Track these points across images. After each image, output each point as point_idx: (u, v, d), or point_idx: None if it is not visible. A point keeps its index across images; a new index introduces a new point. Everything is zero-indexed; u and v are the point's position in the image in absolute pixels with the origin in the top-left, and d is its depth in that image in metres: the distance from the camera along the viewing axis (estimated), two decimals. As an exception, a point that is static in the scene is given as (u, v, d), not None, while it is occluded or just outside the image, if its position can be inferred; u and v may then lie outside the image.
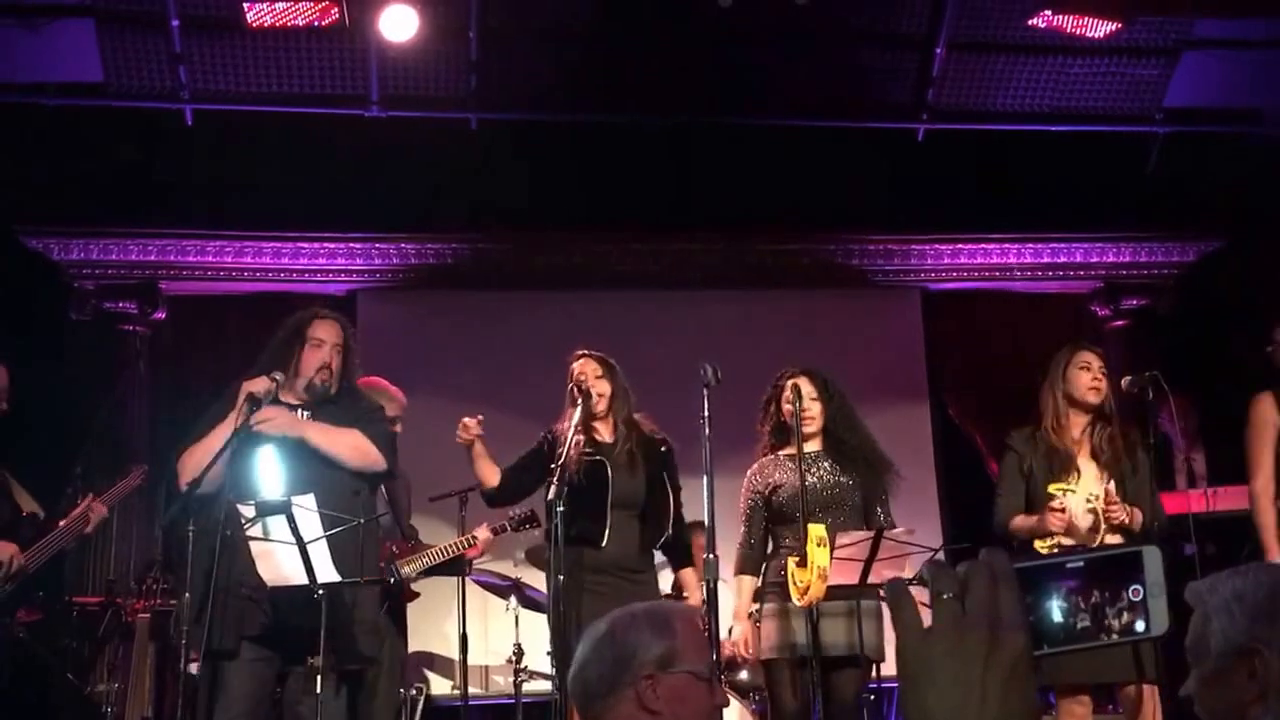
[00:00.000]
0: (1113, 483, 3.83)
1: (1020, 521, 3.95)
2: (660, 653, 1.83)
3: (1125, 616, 0.89)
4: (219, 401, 3.58)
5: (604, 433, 4.23)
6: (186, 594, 3.33)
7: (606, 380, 4.19)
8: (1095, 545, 3.80)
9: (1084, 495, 3.85)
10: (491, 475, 4.25)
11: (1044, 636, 0.88)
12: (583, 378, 4.14)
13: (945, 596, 0.81)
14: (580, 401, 4.04)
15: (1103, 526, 3.82)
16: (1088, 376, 3.95)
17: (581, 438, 4.08)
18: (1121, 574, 0.90)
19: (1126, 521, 3.79)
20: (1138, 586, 0.90)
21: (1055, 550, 3.78)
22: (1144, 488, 3.88)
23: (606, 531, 4.06)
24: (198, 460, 3.45)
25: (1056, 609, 0.89)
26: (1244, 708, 1.48)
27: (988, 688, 0.78)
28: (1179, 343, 6.38)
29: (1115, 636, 0.89)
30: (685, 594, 4.34)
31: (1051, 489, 3.85)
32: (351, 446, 3.57)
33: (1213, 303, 6.70)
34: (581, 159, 6.31)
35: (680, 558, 4.36)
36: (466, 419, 4.22)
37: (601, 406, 4.18)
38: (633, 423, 4.24)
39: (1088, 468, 3.90)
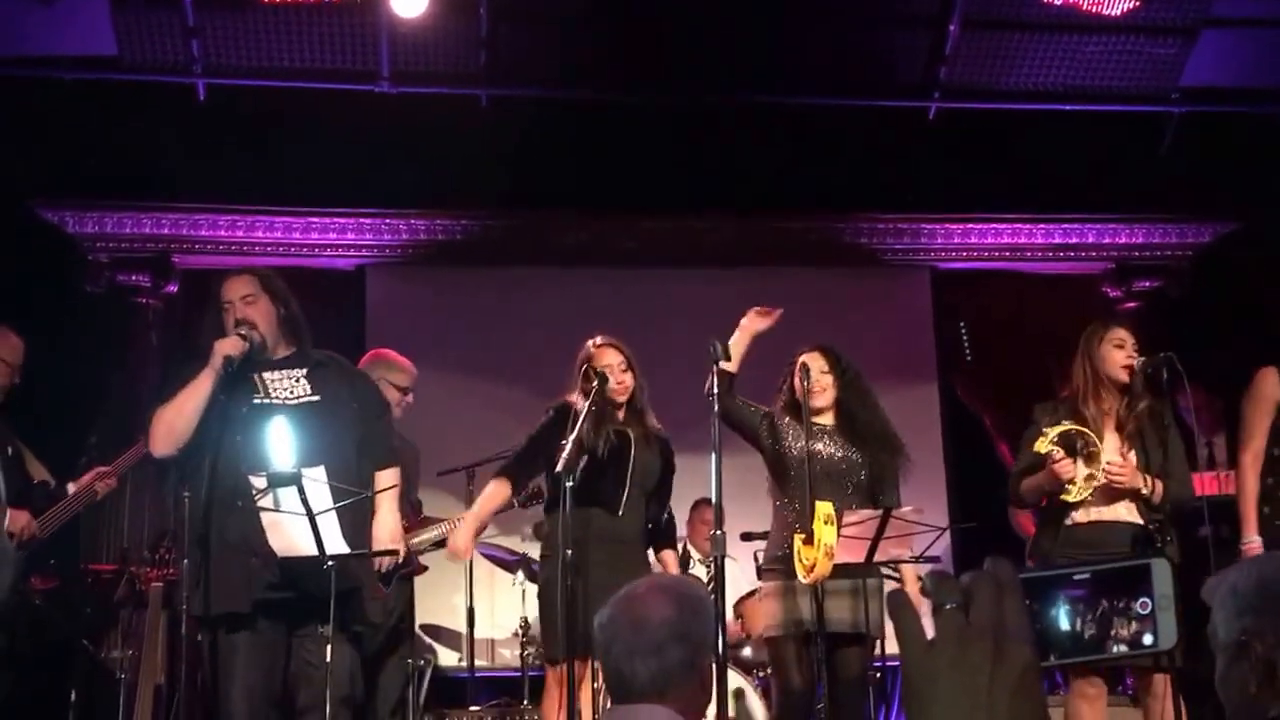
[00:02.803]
0: (1133, 454, 3.81)
1: (1029, 482, 3.96)
2: (713, 637, 2.11)
3: (1133, 627, 0.89)
4: (193, 364, 3.50)
5: (620, 418, 4.26)
6: (185, 560, 3.35)
7: (631, 374, 4.21)
8: (1110, 518, 3.81)
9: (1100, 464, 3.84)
10: (500, 498, 4.19)
11: (1051, 646, 0.87)
12: (608, 370, 4.15)
13: (948, 607, 0.79)
14: (596, 386, 4.05)
15: (1115, 491, 3.83)
16: (1121, 355, 3.93)
17: (595, 415, 4.10)
18: (1130, 586, 0.89)
19: (1142, 490, 3.77)
20: (1146, 599, 0.89)
21: (1089, 497, 3.79)
22: (1171, 463, 3.86)
23: (624, 501, 4.09)
24: (169, 422, 3.40)
25: (1063, 618, 0.88)
26: (1253, 699, 1.50)
27: (994, 700, 0.76)
28: (1191, 325, 6.35)
29: (1124, 648, 0.89)
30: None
31: (1039, 447, 3.80)
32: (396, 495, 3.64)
33: (1227, 285, 6.67)
34: (591, 136, 6.30)
35: (664, 539, 4.40)
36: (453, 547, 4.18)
37: (622, 397, 4.20)
38: (644, 415, 4.28)
39: (1111, 440, 3.90)
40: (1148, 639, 0.89)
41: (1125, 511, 3.86)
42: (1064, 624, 0.88)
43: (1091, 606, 0.88)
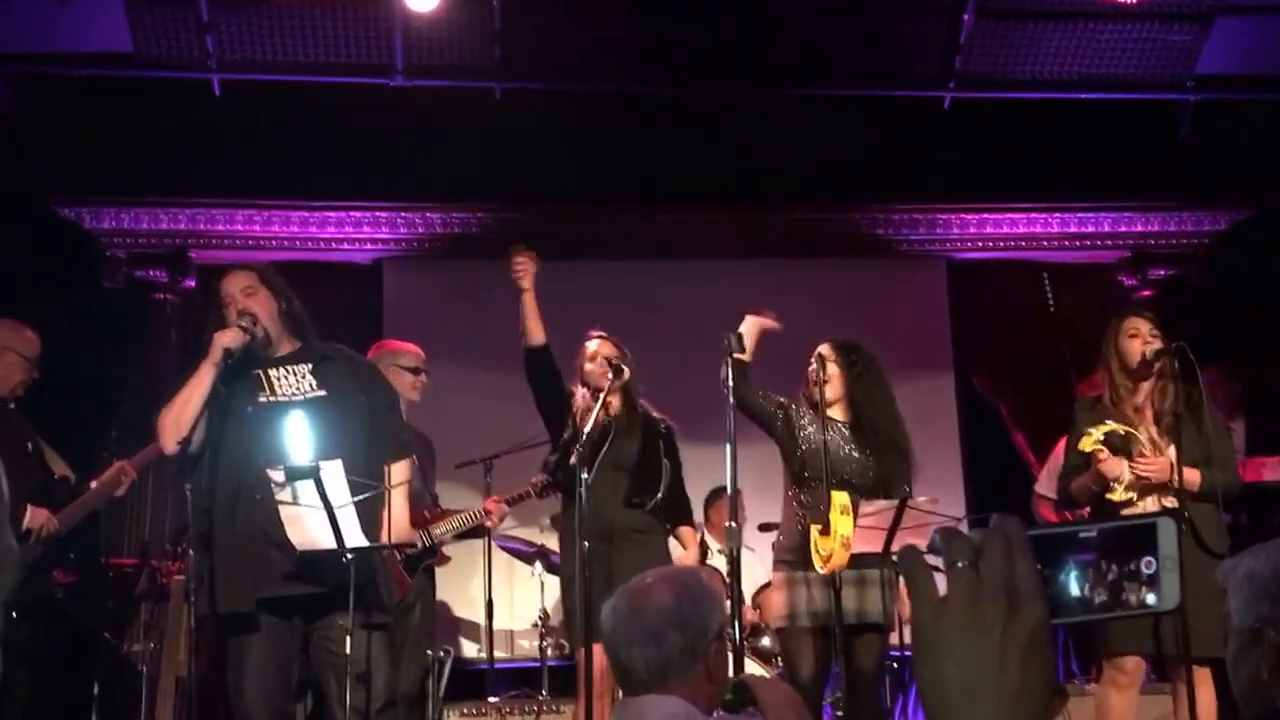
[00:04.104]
0: (1171, 447, 3.79)
1: (1078, 483, 3.95)
2: (720, 622, 2.04)
3: (1141, 589, 0.88)
4: (194, 361, 3.49)
5: (614, 406, 4.35)
6: (191, 551, 3.35)
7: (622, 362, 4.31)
8: (1154, 508, 3.80)
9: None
10: (540, 333, 4.33)
11: (1061, 607, 0.87)
12: (596, 360, 4.26)
13: (960, 565, 0.79)
14: (612, 377, 4.11)
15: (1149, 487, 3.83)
16: (1138, 344, 3.92)
17: (602, 412, 4.17)
18: (1135, 546, 0.89)
19: (1169, 480, 3.74)
20: (1150, 559, 0.89)
21: (1132, 498, 3.80)
22: (1212, 450, 3.82)
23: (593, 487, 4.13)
24: (174, 416, 3.38)
25: (1074, 580, 0.88)
26: (1264, 686, 1.50)
27: (1006, 657, 0.77)
28: (1207, 313, 6.33)
29: (1132, 609, 0.89)
30: (683, 549, 4.46)
31: (1084, 446, 3.83)
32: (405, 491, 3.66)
33: (1243, 272, 6.64)
34: (606, 129, 6.30)
35: (677, 517, 4.48)
36: (519, 259, 4.20)
37: (602, 382, 4.29)
38: (636, 403, 4.38)
39: (1152, 431, 3.89)
40: (1151, 599, 0.88)
41: (1168, 504, 3.83)
42: (1074, 588, 0.88)
43: (1101, 570, 0.88)
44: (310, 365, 3.52)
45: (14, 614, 3.95)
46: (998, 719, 0.76)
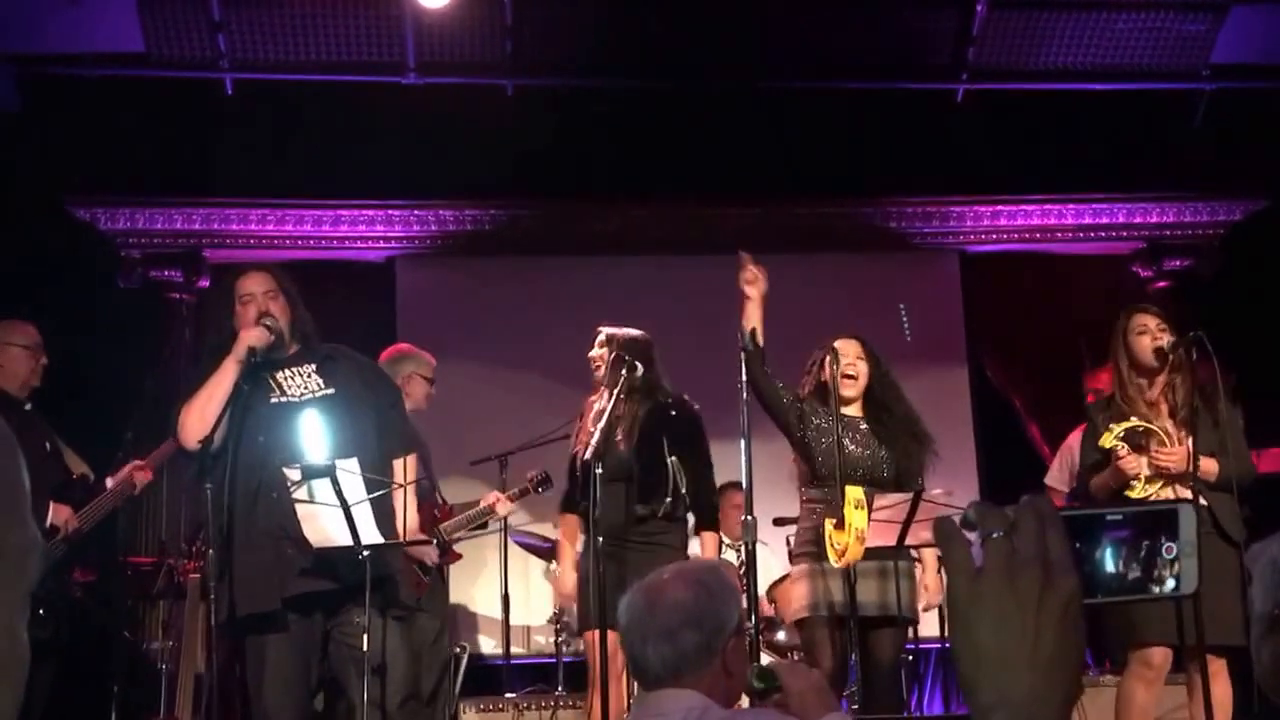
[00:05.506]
0: (1189, 438, 3.78)
1: (1097, 480, 3.94)
2: (738, 618, 2.03)
3: (1169, 568, 0.90)
4: (212, 358, 3.52)
5: (622, 405, 4.22)
6: (210, 550, 3.36)
7: (607, 352, 4.27)
8: (1168, 498, 3.79)
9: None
10: (575, 529, 4.31)
11: (1096, 584, 0.88)
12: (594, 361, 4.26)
13: (995, 536, 0.80)
14: (625, 374, 4.09)
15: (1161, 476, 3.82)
16: (1146, 340, 3.91)
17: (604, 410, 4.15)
18: (1158, 530, 0.90)
19: (1192, 470, 3.72)
20: (1171, 544, 0.90)
21: (1150, 493, 3.79)
22: (1227, 440, 3.81)
23: (596, 501, 4.03)
24: (199, 409, 3.40)
25: (1108, 556, 0.89)
26: None
27: (1041, 628, 0.78)
28: (1222, 303, 6.29)
29: (1164, 589, 0.90)
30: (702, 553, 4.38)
31: (1104, 442, 3.83)
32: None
33: (1258, 263, 6.60)
34: (617, 124, 6.30)
35: (703, 520, 4.35)
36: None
37: (598, 372, 4.26)
38: (650, 392, 4.23)
39: (1167, 425, 3.88)
40: (1170, 584, 0.90)
41: (1186, 496, 3.81)
42: (1110, 565, 0.89)
43: (1134, 546, 0.89)
44: (314, 365, 3.55)
45: (40, 611, 3.98)
46: (1031, 688, 0.77)
